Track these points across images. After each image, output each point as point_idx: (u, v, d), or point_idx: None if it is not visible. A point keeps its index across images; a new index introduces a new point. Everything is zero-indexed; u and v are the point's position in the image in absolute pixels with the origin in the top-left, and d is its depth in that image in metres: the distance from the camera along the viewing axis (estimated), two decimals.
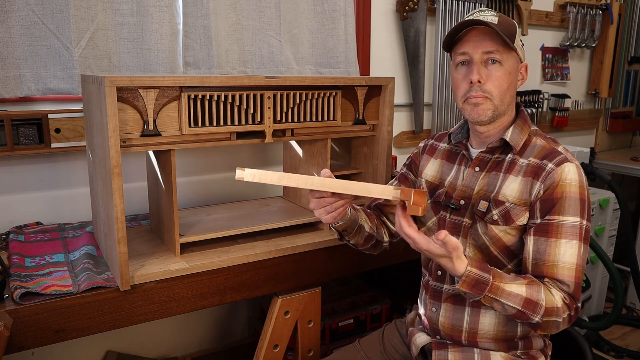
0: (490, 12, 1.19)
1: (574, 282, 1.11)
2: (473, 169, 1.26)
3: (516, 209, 1.17)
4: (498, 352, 1.22)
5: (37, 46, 1.60)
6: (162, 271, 1.33)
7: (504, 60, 1.18)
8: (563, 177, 1.13)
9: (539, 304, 1.08)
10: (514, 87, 1.23)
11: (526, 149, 1.21)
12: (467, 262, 1.08)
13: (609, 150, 3.53)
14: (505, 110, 1.22)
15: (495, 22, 1.15)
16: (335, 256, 1.58)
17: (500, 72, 1.18)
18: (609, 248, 2.83)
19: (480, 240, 1.21)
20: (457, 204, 1.26)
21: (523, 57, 1.24)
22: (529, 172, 1.17)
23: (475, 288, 1.08)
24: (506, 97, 1.20)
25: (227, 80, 1.37)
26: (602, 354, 2.54)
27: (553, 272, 1.12)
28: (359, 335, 1.53)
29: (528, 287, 1.09)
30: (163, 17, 1.75)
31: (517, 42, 1.20)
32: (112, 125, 1.19)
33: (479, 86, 1.18)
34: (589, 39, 3.10)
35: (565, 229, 1.12)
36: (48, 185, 1.73)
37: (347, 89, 1.61)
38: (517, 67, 1.22)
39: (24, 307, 1.16)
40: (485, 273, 1.09)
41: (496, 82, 1.18)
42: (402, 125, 2.50)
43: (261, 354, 1.53)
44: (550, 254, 1.12)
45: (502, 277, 1.10)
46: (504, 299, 1.08)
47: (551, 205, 1.13)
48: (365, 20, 2.26)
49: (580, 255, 1.13)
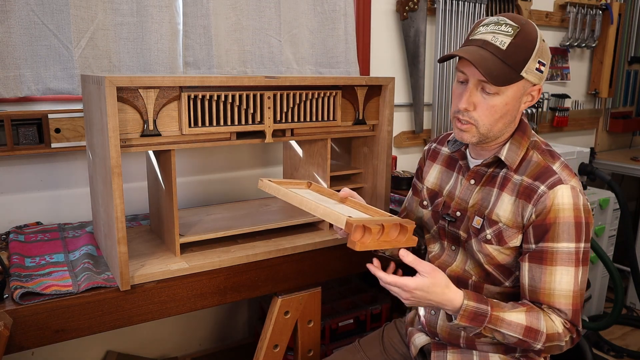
0: (508, 28, 1.07)
1: (572, 309, 1.09)
2: (468, 182, 1.23)
3: (509, 230, 1.14)
4: (497, 354, 1.22)
5: (37, 46, 1.60)
6: (162, 271, 1.33)
7: (501, 91, 1.09)
8: (556, 202, 1.08)
9: (540, 331, 1.07)
10: (512, 114, 1.13)
11: (522, 165, 1.16)
12: (464, 296, 1.07)
13: (609, 150, 3.53)
14: (496, 135, 1.15)
15: (504, 46, 1.06)
16: (335, 256, 1.58)
17: (496, 102, 1.10)
18: (609, 248, 2.82)
19: (476, 256, 1.20)
20: (454, 215, 1.24)
21: (539, 79, 1.11)
22: (520, 193, 1.13)
23: (475, 321, 1.07)
24: (497, 126, 1.13)
25: (227, 80, 1.37)
26: (602, 354, 2.54)
27: (550, 301, 1.10)
28: (359, 335, 1.53)
29: (528, 315, 1.08)
30: (163, 17, 1.75)
31: (530, 65, 1.08)
32: (112, 125, 1.19)
33: (467, 113, 1.12)
34: (589, 39, 3.10)
35: (560, 255, 1.08)
36: (48, 185, 1.73)
37: (347, 89, 1.61)
38: (523, 93, 1.12)
39: (24, 307, 1.16)
40: (483, 304, 1.07)
41: (486, 112, 1.11)
42: (402, 125, 2.50)
43: (261, 354, 1.53)
44: (546, 282, 1.09)
45: (500, 307, 1.09)
46: (504, 329, 1.07)
47: (544, 231, 1.09)
48: (365, 20, 2.26)
49: (577, 281, 1.09)
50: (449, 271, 1.26)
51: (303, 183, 1.39)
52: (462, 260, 1.24)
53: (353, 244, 1.06)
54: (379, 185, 1.73)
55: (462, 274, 1.24)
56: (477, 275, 1.21)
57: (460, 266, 1.24)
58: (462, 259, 1.24)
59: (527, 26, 1.09)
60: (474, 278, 1.22)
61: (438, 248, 1.31)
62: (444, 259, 1.28)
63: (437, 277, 1.07)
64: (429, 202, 1.34)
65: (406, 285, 1.06)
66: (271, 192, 1.29)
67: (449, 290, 1.07)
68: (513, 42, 1.07)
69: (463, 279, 1.23)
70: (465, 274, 1.23)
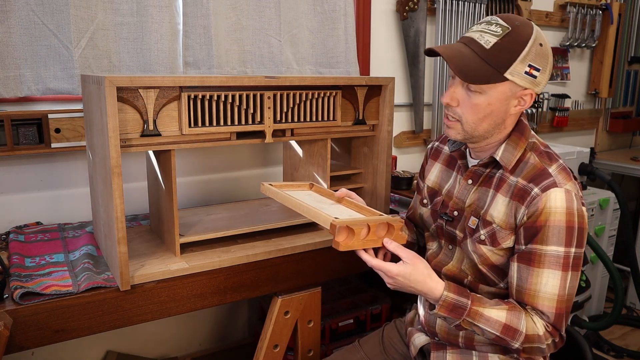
0: (498, 28, 1.06)
1: (555, 312, 1.09)
2: (466, 182, 1.23)
3: (502, 232, 1.14)
4: (496, 355, 1.22)
5: (37, 46, 1.60)
6: (162, 271, 1.33)
7: (484, 90, 1.08)
8: (548, 204, 1.07)
9: (519, 330, 1.07)
10: (499, 115, 1.11)
11: (518, 166, 1.15)
12: (445, 287, 1.09)
13: (609, 150, 3.53)
14: (482, 135, 1.14)
15: (488, 46, 1.05)
16: (335, 256, 1.58)
17: (478, 100, 1.09)
18: (609, 248, 2.82)
19: (470, 256, 1.20)
20: (451, 215, 1.25)
21: (532, 83, 1.08)
22: (515, 195, 1.12)
23: (453, 312, 1.09)
24: (482, 126, 1.12)
25: (227, 80, 1.37)
26: (602, 354, 2.54)
27: (533, 302, 1.10)
28: (359, 335, 1.53)
29: (509, 313, 1.08)
30: (163, 17, 1.75)
31: (516, 68, 1.06)
32: (112, 125, 1.19)
33: (452, 109, 1.13)
34: (589, 39, 3.10)
35: (547, 258, 1.08)
36: (48, 185, 1.73)
37: (347, 89, 1.61)
38: (511, 95, 1.09)
39: (24, 307, 1.16)
40: (464, 298, 1.09)
41: (469, 110, 1.11)
42: (402, 125, 2.50)
43: (261, 354, 1.53)
44: (532, 283, 1.09)
45: (481, 302, 1.10)
46: (482, 324, 1.08)
47: (534, 233, 1.09)
48: (365, 20, 2.26)
49: (565, 286, 1.08)
50: (445, 270, 1.26)
51: (305, 185, 1.40)
52: (459, 260, 1.24)
53: (337, 245, 1.10)
54: (379, 185, 1.73)
55: (458, 273, 1.24)
56: (473, 275, 1.21)
57: (456, 265, 1.25)
58: (459, 258, 1.24)
59: (521, 28, 1.07)
60: (469, 278, 1.22)
61: (436, 246, 1.32)
62: (441, 258, 1.29)
63: (417, 265, 1.11)
64: (429, 200, 1.34)
65: (389, 270, 1.10)
66: (271, 195, 1.33)
67: (430, 279, 1.11)
68: (499, 43, 1.06)
69: (459, 278, 1.23)
70: (461, 273, 1.23)
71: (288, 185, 1.40)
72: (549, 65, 1.10)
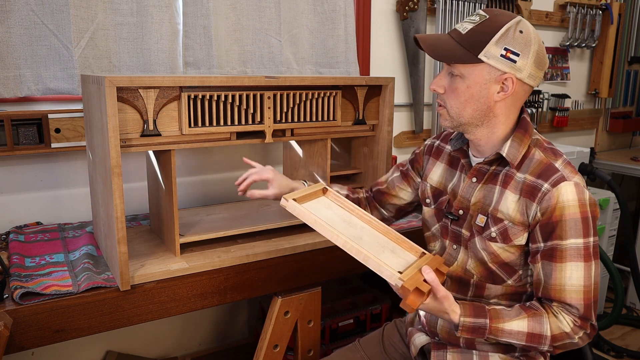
0: (476, 17, 1.12)
1: (583, 304, 1.10)
2: (470, 180, 1.23)
3: (514, 228, 1.14)
4: (496, 354, 1.22)
5: (37, 46, 1.60)
6: (162, 271, 1.33)
7: (464, 74, 1.11)
8: (560, 199, 1.08)
9: (543, 335, 1.09)
10: (480, 100, 1.12)
11: (524, 162, 1.15)
12: (460, 313, 1.10)
13: (609, 150, 3.53)
14: (468, 121, 1.15)
15: (465, 31, 1.10)
16: (335, 256, 1.58)
17: (458, 84, 1.12)
18: (609, 248, 2.82)
19: (479, 254, 1.20)
20: (457, 214, 1.25)
21: (511, 68, 1.08)
22: (524, 192, 1.13)
23: (475, 333, 1.11)
24: (466, 111, 1.13)
25: (227, 80, 1.37)
26: (602, 354, 2.54)
27: (560, 297, 1.11)
28: (359, 335, 1.53)
29: (530, 321, 1.10)
30: (163, 17, 1.75)
31: (490, 50, 1.07)
32: (112, 125, 1.19)
33: (440, 96, 1.17)
34: (589, 39, 3.10)
35: (568, 252, 1.09)
36: (48, 185, 1.73)
37: (347, 89, 1.61)
38: (489, 79, 1.10)
39: (24, 307, 1.17)
40: (481, 318, 1.10)
41: (452, 95, 1.14)
42: (402, 125, 2.50)
43: (261, 354, 1.53)
44: (557, 278, 1.10)
45: (500, 318, 1.11)
46: (505, 337, 1.10)
47: (551, 229, 1.10)
48: (365, 20, 2.26)
49: (590, 276, 1.10)
50: (449, 271, 1.26)
51: (319, 190, 1.29)
52: (463, 260, 1.24)
53: (407, 307, 1.03)
54: None
55: (464, 274, 1.23)
56: (479, 274, 1.21)
57: (461, 266, 1.24)
58: (463, 258, 1.24)
59: (499, 17, 1.09)
60: (475, 278, 1.22)
61: (439, 247, 1.31)
62: (444, 258, 1.28)
63: (443, 303, 1.09)
64: (432, 200, 1.34)
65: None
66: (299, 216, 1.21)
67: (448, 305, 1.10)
68: (474, 28, 1.10)
69: (464, 279, 1.23)
70: (466, 274, 1.23)
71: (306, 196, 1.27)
72: (532, 52, 1.09)
